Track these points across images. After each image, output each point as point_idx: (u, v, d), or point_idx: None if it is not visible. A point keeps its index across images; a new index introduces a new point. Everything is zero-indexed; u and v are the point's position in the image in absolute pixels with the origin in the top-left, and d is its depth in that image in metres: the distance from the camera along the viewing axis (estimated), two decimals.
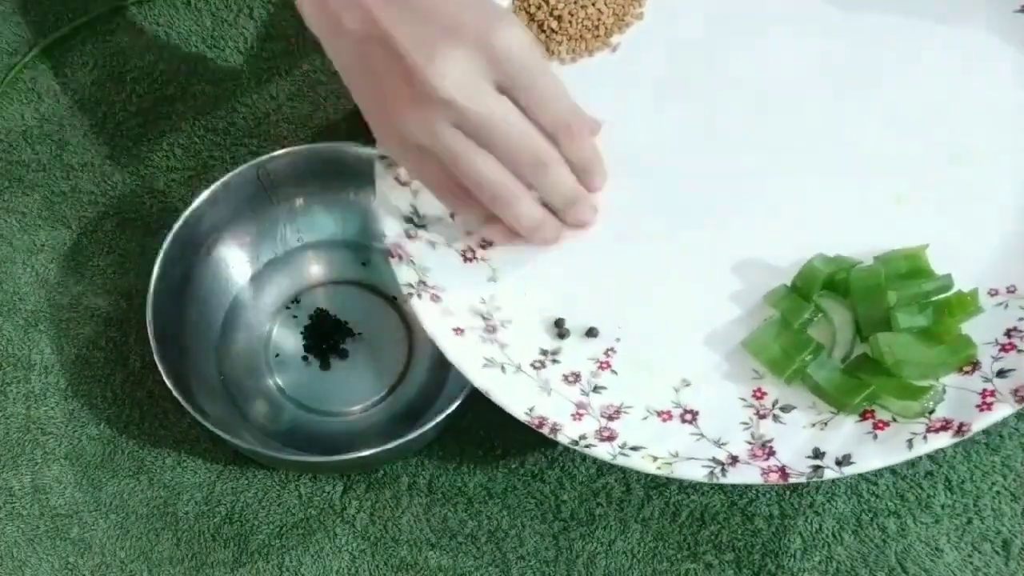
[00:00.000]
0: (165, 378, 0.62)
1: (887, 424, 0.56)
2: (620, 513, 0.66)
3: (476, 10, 0.53)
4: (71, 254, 0.73)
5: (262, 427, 0.67)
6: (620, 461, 0.56)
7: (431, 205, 0.62)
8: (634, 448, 0.57)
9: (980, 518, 0.64)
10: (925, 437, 0.54)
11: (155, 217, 0.73)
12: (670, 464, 0.56)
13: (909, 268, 0.58)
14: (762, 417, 0.58)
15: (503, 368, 0.59)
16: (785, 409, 0.58)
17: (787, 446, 0.56)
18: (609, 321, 0.61)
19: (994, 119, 0.62)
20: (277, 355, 0.69)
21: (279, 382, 0.69)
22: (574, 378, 0.60)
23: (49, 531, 0.66)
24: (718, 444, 0.57)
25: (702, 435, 0.58)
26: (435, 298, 0.60)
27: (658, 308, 0.61)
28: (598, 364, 0.60)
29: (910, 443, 0.54)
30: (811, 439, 0.56)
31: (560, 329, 0.61)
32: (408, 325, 0.70)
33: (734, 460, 0.56)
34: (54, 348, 0.70)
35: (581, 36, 0.66)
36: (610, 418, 0.58)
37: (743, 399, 0.59)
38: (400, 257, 0.61)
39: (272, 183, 0.69)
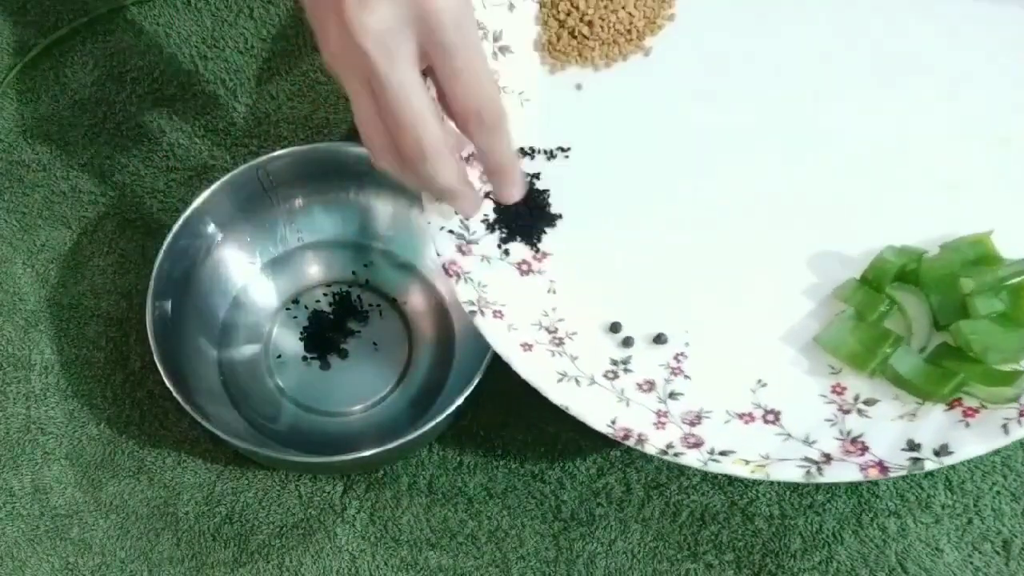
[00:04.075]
0: (165, 378, 0.62)
1: (976, 411, 0.55)
2: (620, 513, 0.66)
3: None
4: (71, 254, 0.73)
5: (262, 427, 0.67)
6: (712, 468, 0.55)
7: (485, 220, 0.62)
8: (723, 453, 0.56)
9: (980, 518, 0.64)
10: (1020, 421, 0.54)
11: (155, 217, 0.73)
12: (763, 467, 0.55)
13: (976, 255, 0.57)
14: (846, 412, 0.57)
15: (577, 381, 0.58)
16: (869, 403, 0.57)
17: (879, 440, 0.55)
18: (676, 325, 0.60)
19: None
20: (278, 356, 0.69)
21: (279, 382, 0.69)
22: (648, 386, 0.59)
23: (49, 531, 0.66)
24: (807, 443, 0.56)
25: (789, 435, 0.57)
26: (498, 314, 0.59)
27: (725, 308, 0.61)
28: (670, 370, 0.59)
29: (1005, 428, 0.54)
30: (903, 431, 0.56)
31: (618, 334, 0.60)
32: (408, 325, 0.70)
33: (828, 458, 0.55)
34: (54, 348, 0.70)
35: (614, 40, 0.65)
36: (692, 424, 0.57)
37: (823, 395, 0.58)
38: (457, 275, 0.60)
39: (272, 183, 0.69)
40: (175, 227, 0.65)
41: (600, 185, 0.64)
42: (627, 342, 0.60)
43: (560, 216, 0.63)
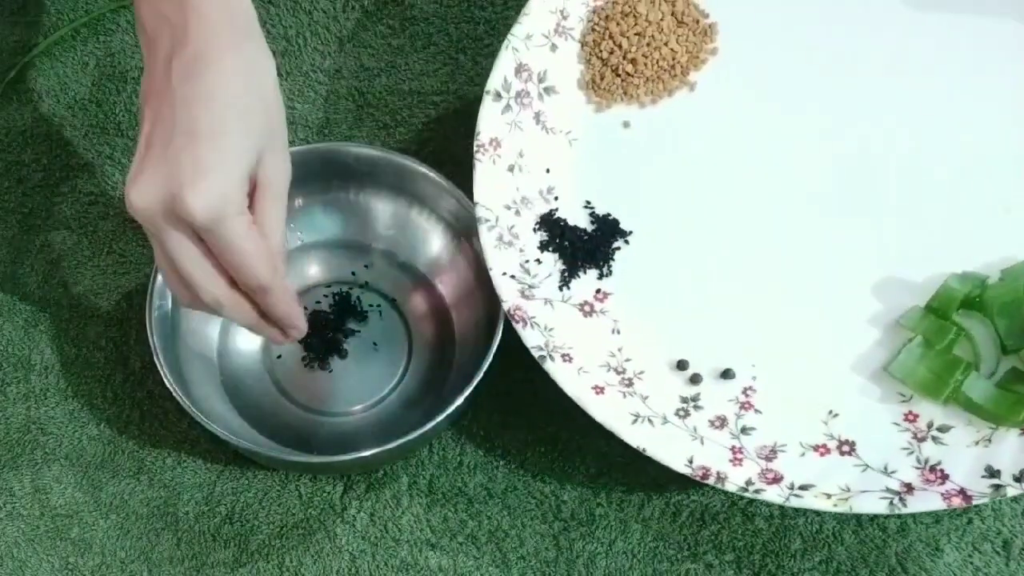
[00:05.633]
0: (165, 378, 0.62)
1: None
2: (620, 513, 0.66)
3: (187, 153, 0.49)
4: (71, 254, 0.73)
5: (262, 427, 0.67)
6: (793, 503, 0.56)
7: (542, 264, 0.62)
8: (803, 487, 0.56)
9: (980, 518, 0.64)
10: None
11: None
12: (846, 500, 0.55)
13: None
14: (921, 440, 0.58)
15: (651, 422, 0.59)
16: (943, 429, 0.58)
17: (957, 467, 0.56)
18: (742, 360, 0.61)
19: None
20: (278, 356, 0.69)
21: (279, 382, 0.69)
22: (720, 422, 0.59)
23: (49, 531, 0.66)
24: (886, 472, 0.57)
25: (867, 465, 0.57)
26: (567, 358, 0.60)
27: (791, 340, 0.61)
28: (740, 405, 0.60)
29: None
30: (979, 457, 0.56)
31: (685, 371, 0.60)
32: (408, 325, 0.70)
33: (909, 488, 0.56)
34: (54, 348, 0.70)
35: (658, 77, 0.65)
36: (767, 459, 0.58)
37: (896, 423, 0.59)
38: (523, 320, 0.60)
39: None
40: None
41: (656, 224, 0.64)
42: (695, 379, 0.60)
43: (631, 232, 0.63)
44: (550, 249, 0.63)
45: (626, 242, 0.63)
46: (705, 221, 0.64)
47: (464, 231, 0.68)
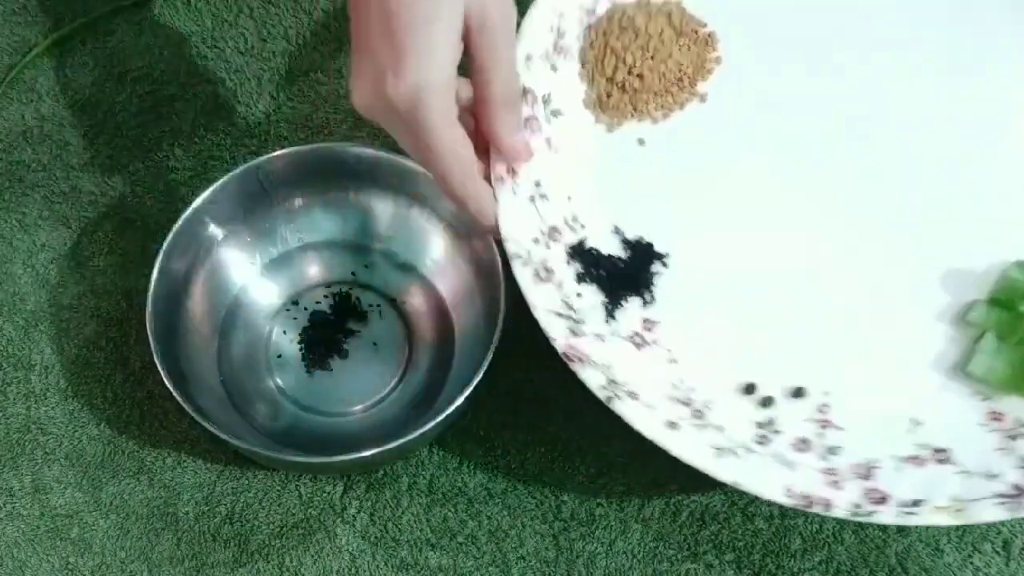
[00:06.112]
0: (165, 378, 0.62)
1: None
2: (620, 513, 0.66)
3: (384, 42, 0.51)
4: (71, 254, 0.73)
5: (262, 427, 0.67)
6: (911, 521, 0.54)
7: (583, 297, 0.59)
8: (915, 503, 0.54)
9: None
10: None
11: (155, 217, 0.73)
12: (961, 511, 0.54)
13: None
14: (1014, 438, 0.56)
15: (735, 453, 0.56)
16: None
17: None
18: (811, 375, 0.58)
19: None
20: (279, 356, 0.69)
21: (279, 382, 0.69)
22: (804, 444, 0.57)
23: (49, 531, 0.66)
24: (990, 477, 0.55)
25: (968, 471, 0.55)
26: (633, 395, 0.56)
27: (857, 348, 0.59)
28: (819, 424, 0.57)
29: None
30: None
31: (754, 395, 0.58)
32: (408, 325, 0.70)
33: (1020, 490, 0.54)
34: (54, 348, 0.70)
35: (667, 90, 0.63)
36: (864, 477, 0.56)
37: (982, 424, 0.57)
38: (580, 360, 0.56)
39: (272, 183, 0.69)
40: (175, 227, 0.65)
41: (691, 242, 0.61)
42: (766, 402, 0.58)
43: (667, 254, 0.61)
44: (587, 280, 0.59)
45: (664, 265, 0.60)
46: (741, 233, 0.61)
47: (464, 231, 0.68)
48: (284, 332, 0.70)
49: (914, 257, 0.61)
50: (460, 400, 0.61)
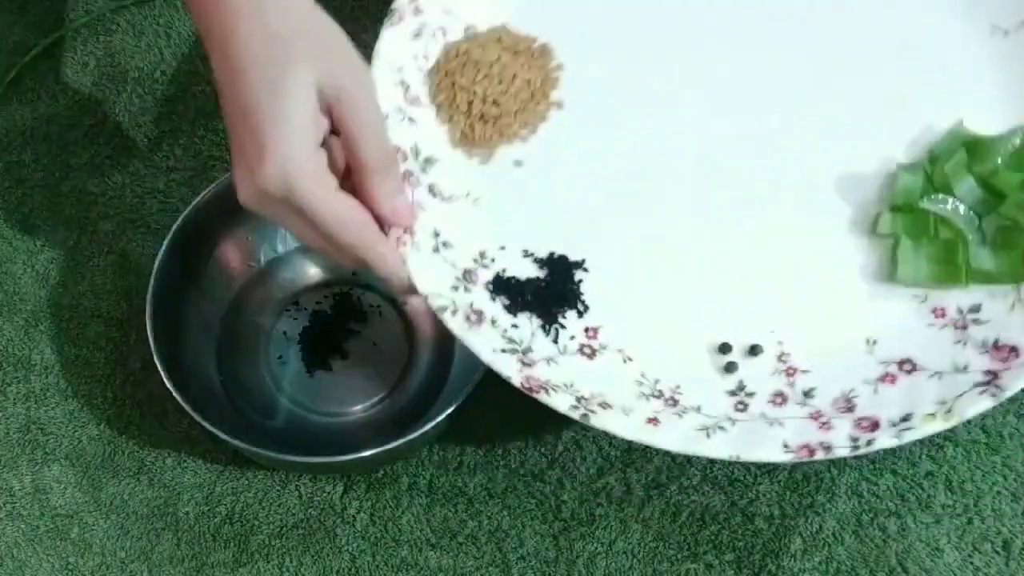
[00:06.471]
0: (165, 378, 0.62)
1: None
2: (620, 513, 0.66)
3: (244, 138, 0.52)
4: (71, 254, 0.73)
5: (262, 427, 0.67)
6: (909, 437, 0.55)
7: (520, 328, 0.59)
8: (905, 419, 0.55)
9: (980, 518, 0.64)
10: None
11: (155, 217, 0.73)
12: (950, 411, 0.55)
13: (966, 143, 0.60)
14: (963, 328, 0.57)
15: (723, 428, 0.57)
16: (975, 310, 0.58)
17: (1015, 334, 0.56)
18: (759, 328, 0.59)
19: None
20: (279, 356, 0.69)
21: (279, 382, 0.69)
22: (780, 398, 0.58)
23: (49, 531, 0.66)
24: (964, 371, 0.56)
25: (939, 372, 0.57)
26: (604, 405, 0.57)
27: (789, 289, 0.60)
28: (785, 374, 0.59)
29: None
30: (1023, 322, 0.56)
31: (719, 362, 0.59)
32: (408, 325, 0.70)
33: (994, 375, 0.55)
34: (54, 348, 0.70)
35: (524, 108, 0.63)
36: (849, 410, 0.57)
37: (931, 324, 0.58)
38: (542, 388, 0.57)
39: None
40: (175, 227, 0.65)
41: (601, 243, 0.62)
42: (730, 367, 0.59)
43: (584, 260, 0.61)
44: (518, 309, 0.60)
45: (585, 271, 0.61)
46: (644, 217, 0.62)
47: None
48: (284, 332, 0.70)
49: (809, 182, 0.62)
50: (460, 400, 0.61)
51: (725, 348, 0.59)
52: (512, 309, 0.59)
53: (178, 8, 0.78)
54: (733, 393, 0.58)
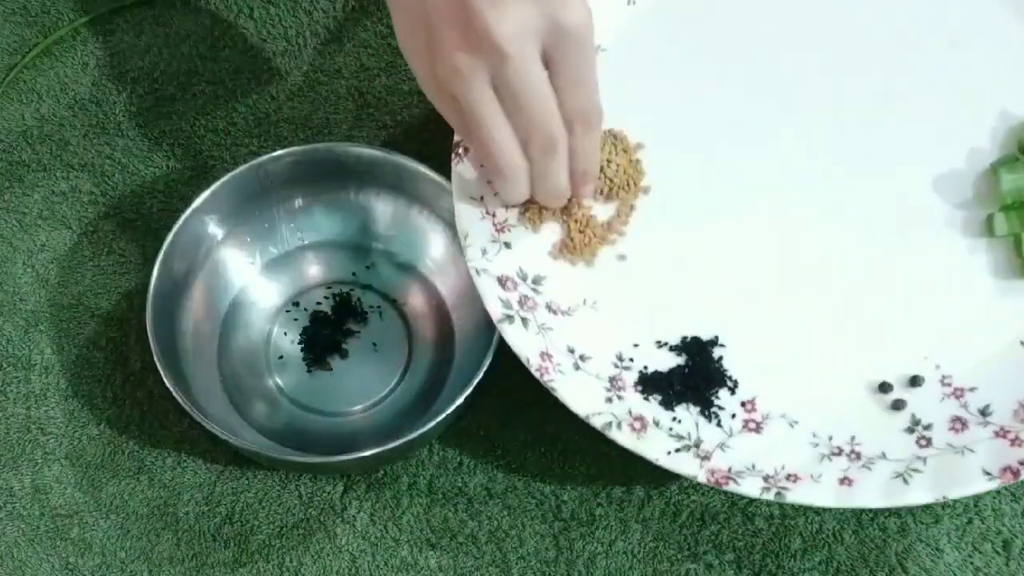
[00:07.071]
0: (165, 378, 0.62)
1: None
2: (620, 513, 0.66)
3: None
4: (71, 254, 0.73)
5: (262, 427, 0.67)
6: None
7: (682, 421, 0.58)
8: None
9: (980, 518, 0.64)
10: None
11: (155, 217, 0.73)
12: None
13: None
14: None
15: (917, 469, 0.56)
16: None
17: None
18: (918, 360, 0.59)
19: None
20: (279, 356, 0.69)
21: (279, 382, 0.69)
22: (960, 424, 0.58)
23: (49, 531, 0.66)
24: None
25: None
26: (792, 478, 0.57)
27: (940, 312, 0.60)
28: (953, 396, 0.58)
29: None
30: None
31: (891, 395, 0.59)
32: (408, 325, 0.70)
33: None
34: (54, 348, 0.70)
35: (617, 196, 0.63)
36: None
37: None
38: (731, 480, 0.56)
39: (272, 183, 0.69)
40: (175, 227, 0.65)
41: (726, 312, 0.61)
42: (897, 405, 0.58)
43: (724, 345, 0.61)
44: (674, 403, 0.59)
45: (722, 346, 0.60)
46: (764, 278, 0.61)
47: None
48: (284, 332, 0.70)
49: (912, 197, 0.62)
50: (460, 400, 0.61)
51: (885, 387, 0.58)
52: (667, 403, 0.59)
53: (178, 8, 0.78)
54: (911, 430, 0.57)
